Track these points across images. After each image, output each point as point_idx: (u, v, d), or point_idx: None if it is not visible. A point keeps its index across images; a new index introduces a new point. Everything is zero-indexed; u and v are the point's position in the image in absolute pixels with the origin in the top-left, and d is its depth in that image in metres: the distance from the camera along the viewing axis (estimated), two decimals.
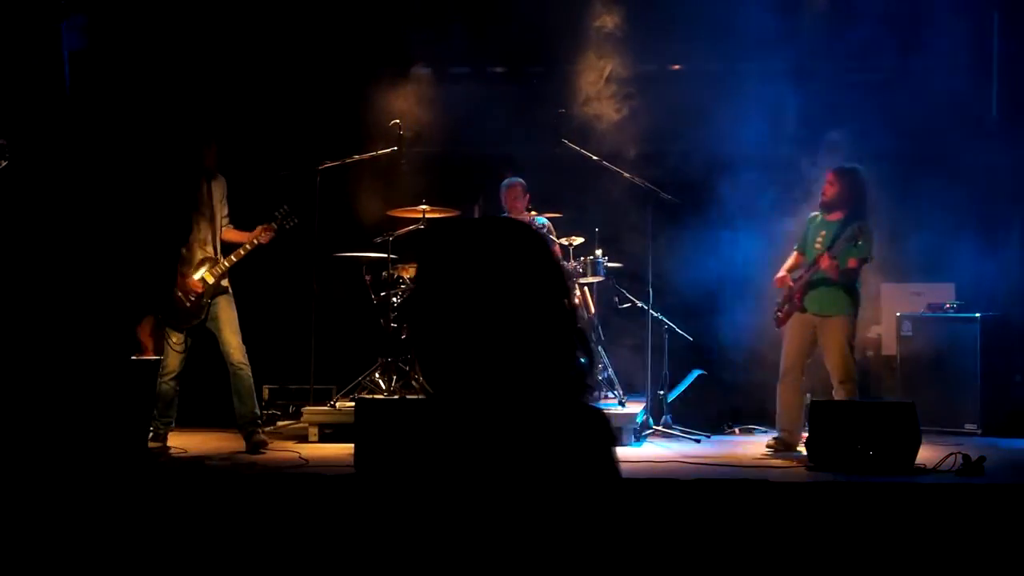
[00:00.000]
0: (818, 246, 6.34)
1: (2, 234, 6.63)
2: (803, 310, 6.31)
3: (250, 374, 6.31)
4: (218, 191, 6.41)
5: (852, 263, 6.20)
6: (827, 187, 6.35)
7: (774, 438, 6.33)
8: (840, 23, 7.70)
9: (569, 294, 1.65)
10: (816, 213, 6.54)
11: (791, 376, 6.35)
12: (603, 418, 1.61)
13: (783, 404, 6.36)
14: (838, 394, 6.18)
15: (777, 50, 7.63)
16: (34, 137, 6.95)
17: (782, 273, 6.53)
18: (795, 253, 6.60)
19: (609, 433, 1.60)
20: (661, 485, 4.98)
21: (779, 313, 6.46)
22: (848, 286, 6.24)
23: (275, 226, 6.37)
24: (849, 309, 6.24)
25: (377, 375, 7.18)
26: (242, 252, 6.33)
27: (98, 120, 7.62)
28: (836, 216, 6.35)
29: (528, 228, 1.65)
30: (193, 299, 6.23)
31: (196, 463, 5.72)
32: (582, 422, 1.58)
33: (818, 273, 6.24)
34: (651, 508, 4.69)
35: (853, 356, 6.27)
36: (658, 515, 4.65)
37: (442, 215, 7.33)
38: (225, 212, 6.48)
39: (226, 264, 6.30)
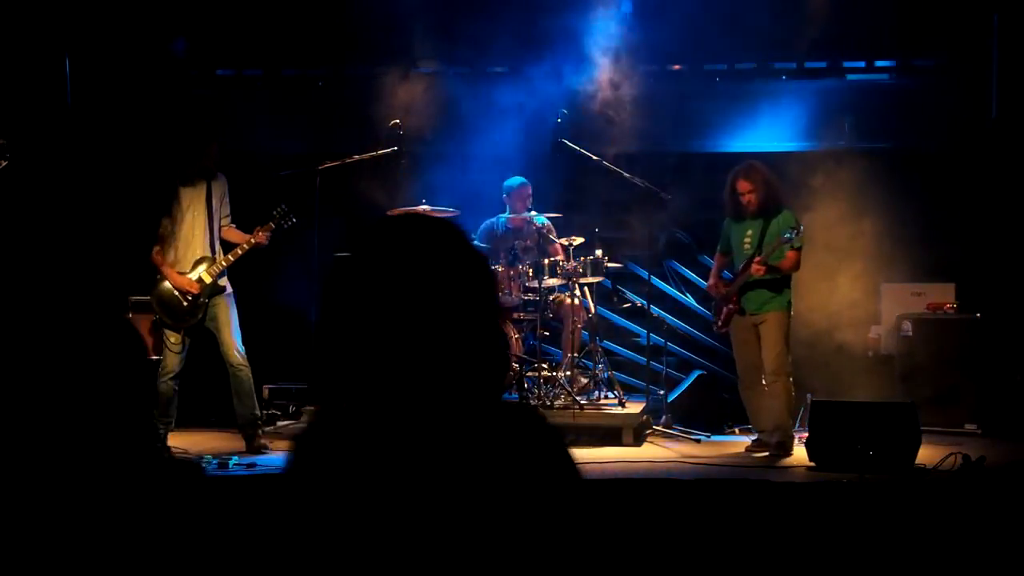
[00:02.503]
0: (747, 247, 6.31)
1: (2, 234, 6.64)
2: (742, 312, 6.31)
3: (250, 375, 6.30)
4: (218, 191, 6.38)
5: (791, 257, 6.18)
6: (749, 196, 6.20)
7: (753, 441, 6.35)
8: (840, 23, 7.70)
9: (490, 288, 1.51)
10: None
11: (749, 379, 6.36)
12: (534, 414, 1.49)
13: (752, 408, 6.38)
14: (769, 387, 6.18)
15: (777, 50, 7.65)
16: (35, 137, 6.96)
17: (713, 280, 6.52)
18: (718, 255, 6.58)
19: (546, 428, 1.46)
20: (661, 485, 4.98)
21: (718, 319, 6.48)
22: (785, 282, 6.24)
23: (272, 226, 6.34)
24: (784, 305, 6.24)
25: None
26: (239, 252, 6.29)
27: (99, 120, 7.63)
28: (755, 216, 6.33)
29: (444, 223, 1.52)
30: (190, 299, 6.20)
31: (195, 463, 5.71)
32: (514, 422, 1.46)
33: (753, 276, 6.21)
34: (651, 508, 4.69)
35: (788, 351, 6.26)
36: (658, 515, 4.66)
37: (442, 215, 7.34)
38: (227, 212, 6.45)
39: (223, 264, 6.26)
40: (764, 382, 6.28)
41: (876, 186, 7.37)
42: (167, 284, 6.21)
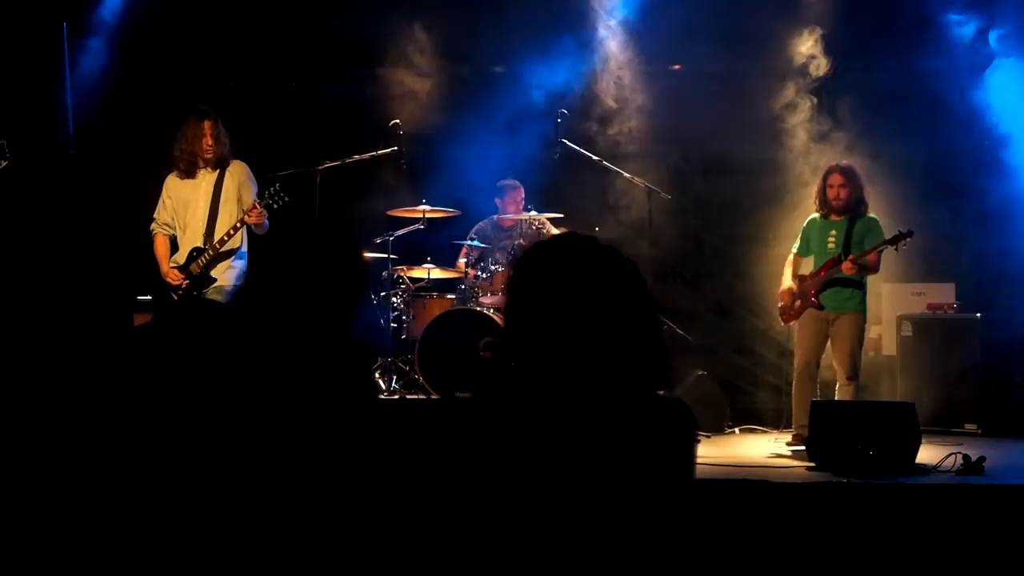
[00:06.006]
0: (831, 246, 6.35)
1: (2, 233, 6.62)
2: (820, 307, 6.34)
3: None
4: (233, 178, 6.18)
5: (873, 259, 6.27)
6: (840, 190, 6.33)
7: (793, 435, 6.34)
8: (840, 22, 7.69)
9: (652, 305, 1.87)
10: (815, 215, 6.53)
11: (807, 373, 6.36)
12: (683, 409, 1.78)
13: (799, 401, 6.36)
14: (842, 391, 6.20)
15: (776, 50, 7.64)
16: (34, 136, 6.95)
17: (791, 280, 6.51)
18: (793, 256, 6.59)
19: (687, 424, 1.78)
20: None
21: (790, 309, 6.48)
22: (863, 283, 6.30)
23: (263, 203, 5.98)
24: (861, 306, 6.30)
25: (377, 375, 7.17)
26: (226, 239, 6.05)
27: (97, 117, 7.62)
28: (840, 215, 6.37)
29: (613, 250, 1.93)
30: (182, 292, 6.10)
31: None
32: (661, 412, 1.75)
33: (840, 274, 6.26)
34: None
35: (861, 353, 6.31)
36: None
37: (443, 215, 7.37)
38: (252, 201, 6.10)
39: (210, 253, 6.05)
40: (836, 382, 6.29)
41: (877, 186, 7.37)
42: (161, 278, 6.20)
